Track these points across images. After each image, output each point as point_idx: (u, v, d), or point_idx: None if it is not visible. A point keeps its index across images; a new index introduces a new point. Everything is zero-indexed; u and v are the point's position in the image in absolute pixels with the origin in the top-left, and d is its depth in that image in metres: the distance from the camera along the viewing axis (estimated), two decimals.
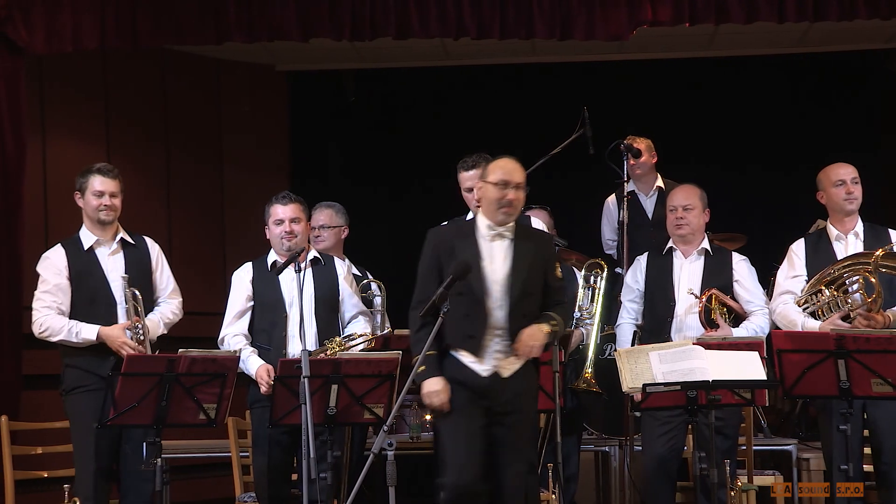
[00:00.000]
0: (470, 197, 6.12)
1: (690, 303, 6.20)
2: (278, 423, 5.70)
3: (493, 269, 5.28)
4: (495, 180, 5.29)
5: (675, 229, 6.37)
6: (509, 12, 7.71)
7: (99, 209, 6.09)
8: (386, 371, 5.70)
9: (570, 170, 8.44)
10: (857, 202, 6.12)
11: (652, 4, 7.63)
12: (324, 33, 7.79)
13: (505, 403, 5.23)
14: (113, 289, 6.07)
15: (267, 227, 6.24)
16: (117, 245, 6.16)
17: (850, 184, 6.10)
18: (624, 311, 6.54)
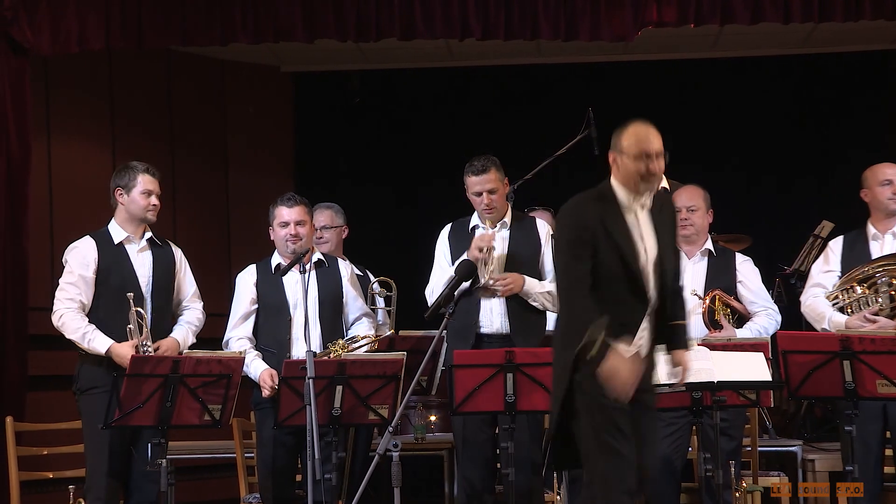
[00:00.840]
0: (477, 200, 6.12)
1: (694, 304, 6.19)
2: (283, 424, 5.70)
3: (646, 250, 4.79)
4: (633, 153, 4.83)
5: (679, 230, 6.36)
6: (514, 13, 7.71)
7: (147, 209, 6.11)
8: (391, 372, 5.70)
9: (574, 171, 8.40)
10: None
11: (657, 5, 7.63)
12: (329, 34, 7.79)
13: (644, 381, 4.80)
14: (142, 285, 6.07)
15: (271, 228, 6.25)
16: (146, 243, 6.18)
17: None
18: None
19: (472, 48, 8.72)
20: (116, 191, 6.14)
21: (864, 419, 5.57)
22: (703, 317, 6.15)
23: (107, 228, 6.16)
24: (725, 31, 8.62)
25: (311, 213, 6.39)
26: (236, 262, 9.06)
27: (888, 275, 5.89)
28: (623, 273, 4.71)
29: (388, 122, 10.21)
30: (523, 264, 6.10)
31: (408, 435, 7.48)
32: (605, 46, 8.28)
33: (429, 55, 9.33)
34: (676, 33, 8.34)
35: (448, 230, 6.28)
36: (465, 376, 5.62)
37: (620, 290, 4.72)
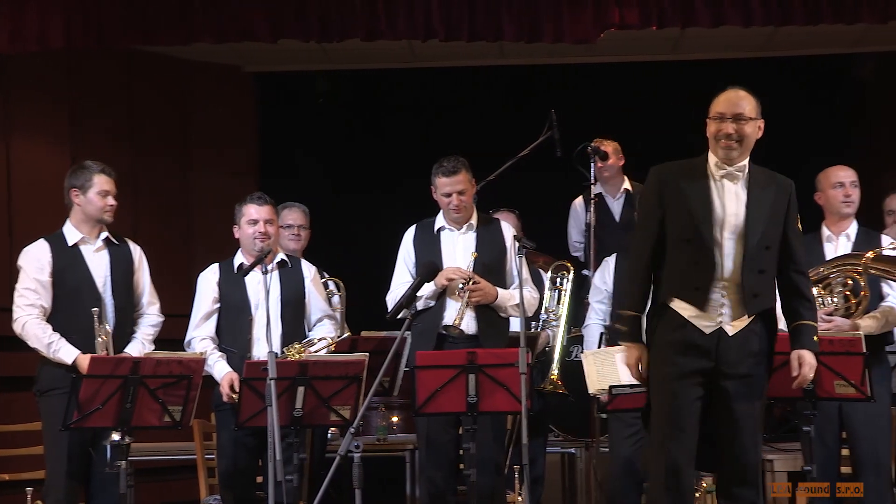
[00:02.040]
0: (446, 201, 6.12)
1: None
2: (244, 425, 5.68)
3: (725, 215, 4.78)
4: (713, 113, 4.85)
5: None
6: (478, 14, 7.72)
7: (104, 209, 6.06)
8: (353, 373, 5.69)
9: (537, 172, 8.44)
10: (854, 205, 6.13)
11: (619, 8, 7.66)
12: (292, 34, 7.78)
13: (731, 364, 4.76)
14: (98, 285, 6.03)
15: (237, 226, 6.21)
16: (102, 243, 6.12)
17: (848, 186, 6.11)
18: (592, 312, 6.55)
19: (435, 49, 8.73)
20: (72, 191, 6.08)
21: (821, 419, 5.61)
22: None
23: (61, 230, 6.10)
24: (687, 34, 8.66)
25: (278, 214, 6.38)
26: (198, 263, 8.98)
27: (842, 275, 5.94)
28: (693, 236, 4.75)
29: (351, 123, 10.21)
30: (490, 268, 6.10)
31: (370, 436, 7.48)
32: (567, 48, 8.30)
33: (392, 56, 9.33)
34: (639, 36, 8.38)
35: (413, 232, 6.27)
36: (427, 377, 5.62)
37: (692, 254, 4.76)
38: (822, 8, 7.58)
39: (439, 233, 6.18)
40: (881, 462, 5.85)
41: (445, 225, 6.18)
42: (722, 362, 4.76)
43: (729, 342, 4.77)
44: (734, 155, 4.83)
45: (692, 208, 4.78)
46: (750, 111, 4.84)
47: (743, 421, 4.76)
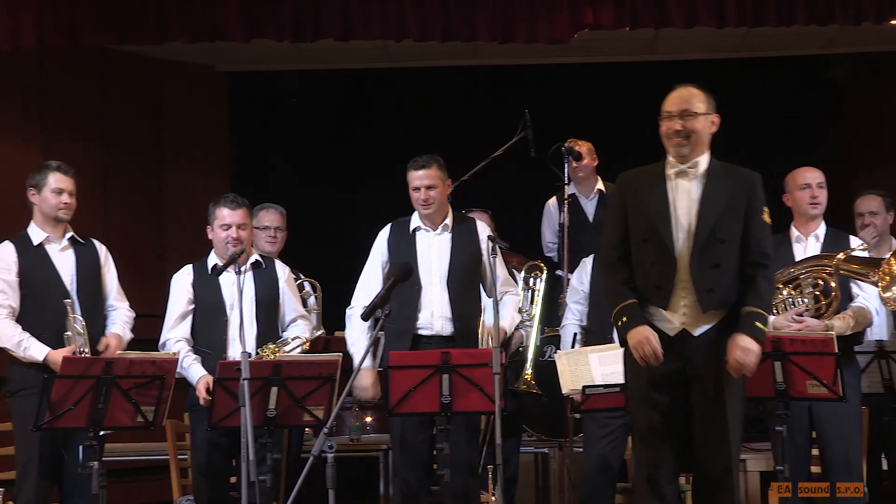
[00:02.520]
0: (414, 196, 6.10)
1: None
2: (217, 425, 5.66)
3: (677, 212, 4.84)
4: (663, 113, 4.94)
5: None
6: (452, 15, 7.73)
7: (58, 207, 6.03)
8: (326, 373, 5.67)
9: (511, 172, 8.46)
10: (821, 207, 6.15)
11: (593, 8, 7.69)
12: (266, 34, 7.77)
13: (698, 366, 4.78)
14: (66, 283, 6.00)
15: (210, 228, 6.18)
16: (67, 242, 6.09)
17: (815, 188, 6.14)
18: (569, 312, 6.57)
19: (409, 49, 8.73)
20: (29, 191, 6.07)
21: (792, 420, 5.63)
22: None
23: (26, 231, 6.08)
24: (661, 35, 8.69)
25: (251, 215, 6.35)
26: (171, 263, 8.98)
27: (813, 276, 5.97)
28: (650, 236, 4.81)
29: (325, 123, 10.20)
30: (465, 269, 6.09)
31: (343, 436, 7.47)
32: (542, 49, 8.32)
33: (366, 56, 9.32)
34: (613, 36, 8.40)
35: (387, 231, 6.24)
36: (401, 377, 5.61)
37: (651, 254, 4.82)
38: (796, 9, 7.63)
39: (415, 233, 6.17)
40: (852, 462, 5.87)
41: (421, 225, 6.17)
42: (689, 364, 4.80)
43: (695, 343, 4.81)
44: (685, 151, 4.87)
45: (648, 209, 4.85)
46: (699, 107, 4.88)
47: (711, 425, 4.77)
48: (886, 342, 6.20)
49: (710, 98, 4.92)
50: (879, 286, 5.80)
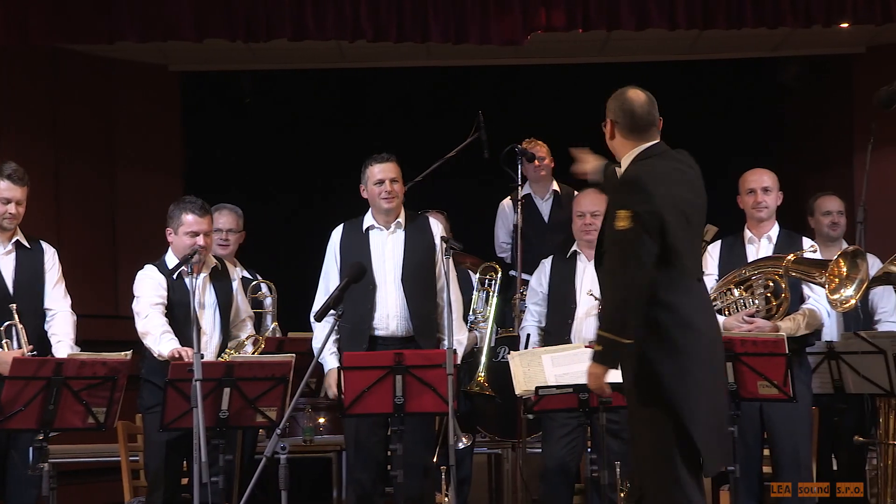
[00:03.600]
0: (378, 190, 6.07)
1: (591, 305, 6.26)
2: (169, 426, 5.63)
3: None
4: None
5: (582, 234, 6.43)
6: (406, 16, 7.74)
7: (3, 216, 5.97)
8: (279, 374, 5.66)
9: (465, 173, 8.47)
10: (767, 210, 6.19)
11: (546, 10, 7.72)
12: (218, 34, 7.73)
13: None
14: (9, 289, 5.94)
15: (171, 231, 6.09)
16: (11, 247, 6.04)
17: (759, 193, 6.19)
18: (528, 313, 6.59)
19: (363, 50, 8.72)
20: None
21: (743, 419, 5.68)
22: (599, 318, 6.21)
23: None
24: (613, 37, 8.73)
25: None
26: (123, 264, 8.94)
27: (764, 277, 6.02)
28: None
29: (278, 123, 10.17)
30: (420, 267, 6.10)
31: (296, 437, 7.44)
32: (495, 50, 8.34)
33: (320, 56, 9.30)
34: (566, 38, 8.44)
35: (339, 232, 6.22)
36: (354, 378, 5.61)
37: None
38: (745, 11, 7.71)
39: (368, 232, 6.17)
40: (802, 461, 5.93)
41: (374, 224, 6.16)
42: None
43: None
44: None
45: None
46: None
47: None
48: (836, 343, 6.26)
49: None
50: (827, 288, 5.84)
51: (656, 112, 4.66)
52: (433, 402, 5.62)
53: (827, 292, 5.85)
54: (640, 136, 4.62)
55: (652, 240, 4.36)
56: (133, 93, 9.55)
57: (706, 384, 4.41)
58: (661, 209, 4.39)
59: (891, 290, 6.73)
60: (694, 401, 4.36)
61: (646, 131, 4.63)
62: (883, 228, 8.29)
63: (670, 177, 4.53)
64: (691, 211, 4.51)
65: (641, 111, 4.64)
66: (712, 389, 4.45)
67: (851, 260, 5.93)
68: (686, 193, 4.52)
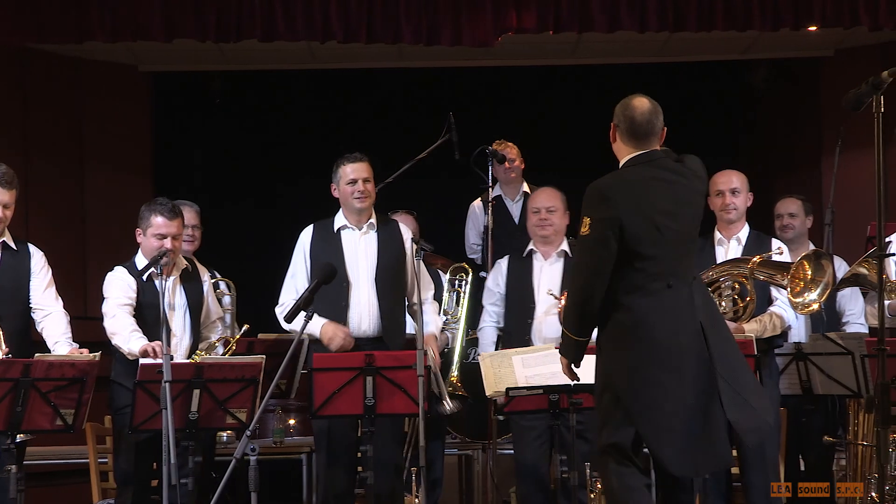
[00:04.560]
0: (350, 189, 6.08)
1: (550, 304, 6.27)
2: (138, 428, 5.61)
3: None
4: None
5: (537, 230, 6.44)
6: (376, 16, 7.73)
7: None
8: (249, 375, 5.64)
9: (436, 175, 8.47)
10: (736, 212, 6.21)
11: (517, 12, 7.74)
12: (188, 34, 7.71)
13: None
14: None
15: (141, 232, 6.06)
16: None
17: (728, 195, 6.21)
18: (486, 314, 6.57)
19: (334, 51, 8.71)
20: None
21: None
22: (560, 317, 6.21)
23: None
24: (585, 39, 8.76)
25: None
26: (92, 265, 8.90)
27: (731, 279, 6.05)
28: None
29: (248, 124, 10.15)
30: (392, 269, 6.10)
31: (266, 439, 7.43)
32: (466, 52, 8.34)
33: (290, 57, 9.28)
34: (537, 40, 8.45)
35: (310, 232, 6.22)
36: (324, 379, 5.61)
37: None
38: (715, 15, 7.75)
39: (339, 232, 6.16)
40: (769, 461, 5.96)
41: (346, 224, 6.16)
42: None
43: None
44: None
45: None
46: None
47: None
48: (804, 344, 6.30)
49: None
50: (789, 291, 5.87)
51: (658, 122, 4.79)
52: (404, 404, 5.62)
53: (789, 295, 5.87)
54: (639, 142, 4.76)
55: (609, 245, 4.51)
56: (102, 93, 9.50)
57: (667, 386, 4.49)
58: (622, 216, 4.52)
59: (858, 292, 6.78)
60: (647, 399, 4.48)
61: (644, 139, 4.76)
62: (850, 230, 8.33)
63: (644, 185, 4.64)
64: (664, 218, 4.58)
65: (641, 119, 4.77)
66: (677, 393, 4.50)
67: (816, 262, 5.96)
68: (661, 201, 4.61)
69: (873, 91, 4.44)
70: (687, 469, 4.67)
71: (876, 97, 4.44)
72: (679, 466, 4.56)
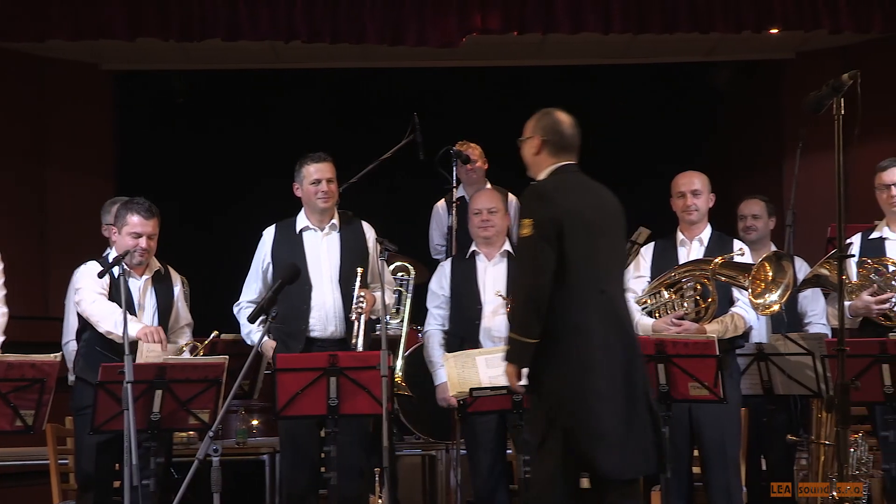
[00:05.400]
0: (314, 190, 6.07)
1: (497, 304, 6.28)
2: (99, 429, 5.57)
3: None
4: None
5: (479, 231, 6.45)
6: (340, 17, 7.73)
7: None
8: (213, 376, 5.62)
9: (400, 175, 8.47)
10: (697, 213, 6.21)
11: (482, 13, 7.75)
12: (151, 33, 7.68)
13: None
14: None
15: (115, 230, 6.02)
16: None
17: (689, 196, 6.22)
18: (431, 317, 6.55)
19: (298, 51, 8.69)
20: None
21: (672, 420, 5.73)
22: (508, 318, 6.21)
23: None
24: (549, 40, 8.78)
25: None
26: (53, 265, 8.84)
27: (693, 280, 6.07)
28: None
29: (211, 123, 10.11)
30: (354, 269, 6.09)
31: (229, 439, 7.41)
32: (431, 52, 8.35)
33: (254, 56, 9.25)
34: (502, 41, 8.46)
35: (272, 233, 6.21)
36: (288, 380, 5.59)
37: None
38: (679, 17, 7.79)
39: (301, 233, 6.15)
40: (729, 459, 5.99)
41: (309, 224, 6.15)
42: None
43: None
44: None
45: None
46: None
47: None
48: (766, 345, 6.33)
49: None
50: (750, 292, 5.90)
51: (578, 135, 4.90)
52: (368, 404, 5.62)
53: (750, 296, 5.90)
54: (564, 155, 4.86)
55: (551, 246, 4.60)
56: (64, 92, 9.44)
57: (601, 389, 4.57)
58: (562, 217, 4.62)
59: (820, 292, 6.82)
60: (578, 402, 4.56)
61: (569, 151, 4.88)
62: (811, 231, 8.39)
63: (578, 188, 4.78)
64: (596, 223, 4.71)
65: (569, 132, 4.90)
66: (611, 395, 4.59)
67: (777, 263, 5.99)
68: (594, 208, 4.76)
69: (834, 94, 4.48)
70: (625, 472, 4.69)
71: (836, 100, 4.48)
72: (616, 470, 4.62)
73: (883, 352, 5.61)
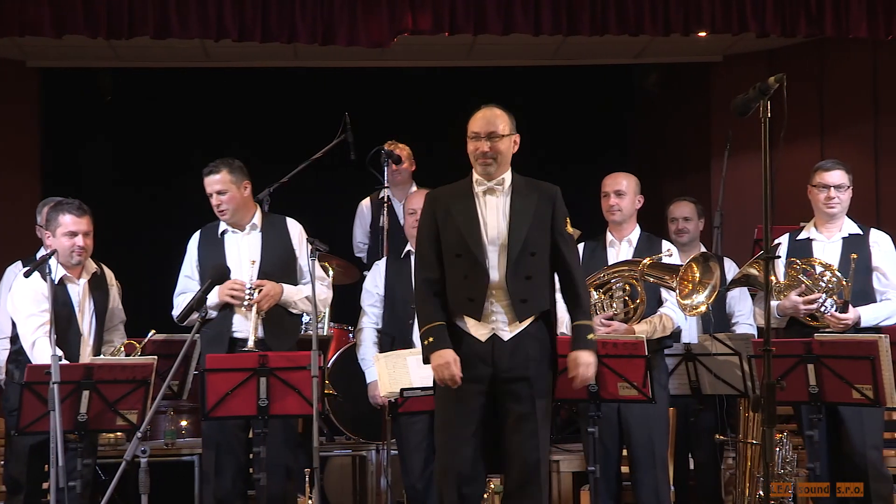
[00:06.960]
0: (212, 202, 6.08)
1: None
2: (25, 430, 5.51)
3: (487, 228, 5.00)
4: (469, 133, 5.08)
5: (411, 230, 6.45)
6: (271, 16, 7.69)
7: None
8: (141, 376, 5.59)
9: (331, 175, 8.45)
10: (620, 214, 6.23)
11: (413, 13, 7.75)
12: (78, 30, 7.58)
13: (505, 368, 4.94)
14: None
15: (48, 233, 5.97)
16: None
17: (612, 196, 6.26)
18: (364, 316, 6.56)
19: (228, 50, 8.64)
20: None
21: (601, 420, 5.78)
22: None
23: None
24: (480, 41, 8.80)
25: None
26: None
27: (622, 280, 6.12)
28: (462, 251, 4.96)
29: (140, 123, 10.01)
30: (278, 267, 6.07)
31: (158, 440, 7.35)
32: (362, 52, 8.33)
33: (184, 55, 9.17)
34: (433, 41, 8.48)
35: (196, 238, 6.20)
36: (217, 380, 5.56)
37: (463, 268, 4.97)
38: (608, 19, 7.85)
39: (223, 236, 6.14)
40: (657, 458, 6.04)
41: (228, 227, 6.14)
42: (498, 367, 4.96)
43: (504, 347, 4.97)
44: (491, 171, 5.05)
45: (459, 225, 5.00)
46: (503, 128, 5.07)
47: (521, 423, 4.93)
48: (694, 345, 6.40)
49: (512, 118, 5.11)
50: (678, 293, 5.95)
51: None
52: (298, 405, 5.60)
53: (678, 297, 5.96)
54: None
55: None
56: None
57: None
58: None
59: (747, 292, 6.91)
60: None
61: None
62: (739, 232, 8.50)
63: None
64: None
65: None
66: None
67: (704, 264, 6.05)
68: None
69: (760, 96, 4.54)
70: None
71: (763, 102, 4.54)
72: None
73: (808, 352, 5.69)
